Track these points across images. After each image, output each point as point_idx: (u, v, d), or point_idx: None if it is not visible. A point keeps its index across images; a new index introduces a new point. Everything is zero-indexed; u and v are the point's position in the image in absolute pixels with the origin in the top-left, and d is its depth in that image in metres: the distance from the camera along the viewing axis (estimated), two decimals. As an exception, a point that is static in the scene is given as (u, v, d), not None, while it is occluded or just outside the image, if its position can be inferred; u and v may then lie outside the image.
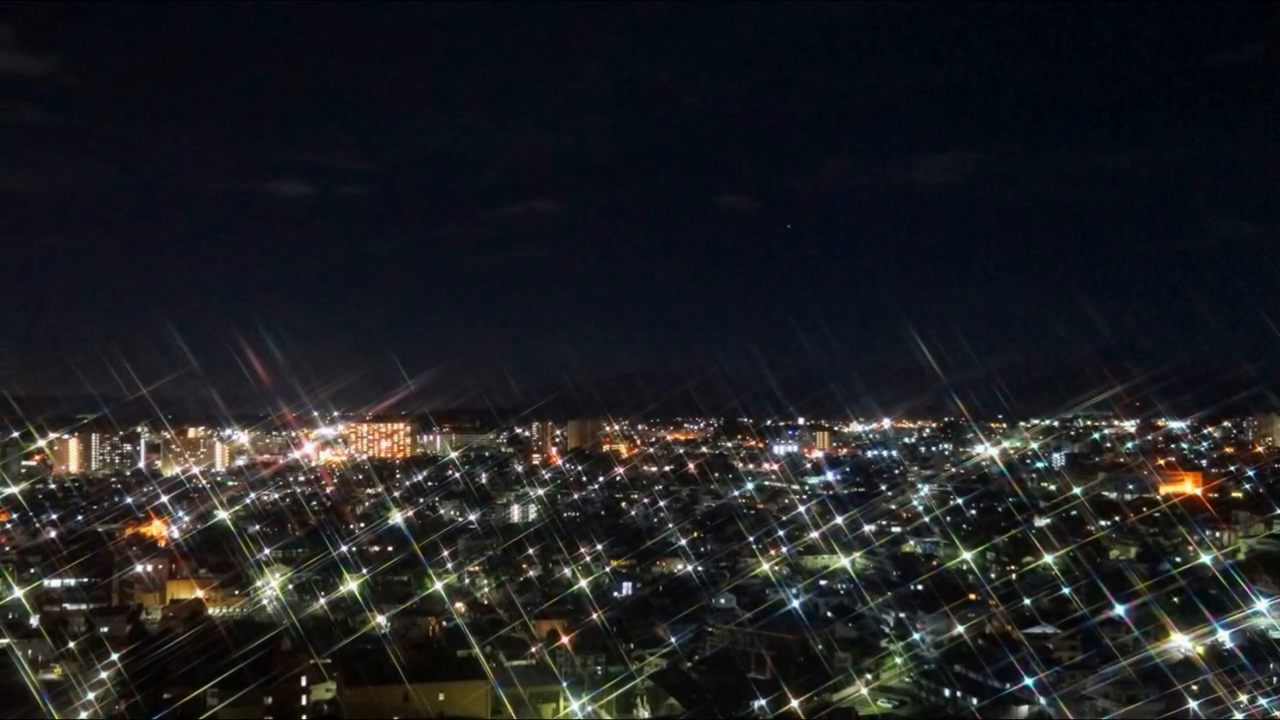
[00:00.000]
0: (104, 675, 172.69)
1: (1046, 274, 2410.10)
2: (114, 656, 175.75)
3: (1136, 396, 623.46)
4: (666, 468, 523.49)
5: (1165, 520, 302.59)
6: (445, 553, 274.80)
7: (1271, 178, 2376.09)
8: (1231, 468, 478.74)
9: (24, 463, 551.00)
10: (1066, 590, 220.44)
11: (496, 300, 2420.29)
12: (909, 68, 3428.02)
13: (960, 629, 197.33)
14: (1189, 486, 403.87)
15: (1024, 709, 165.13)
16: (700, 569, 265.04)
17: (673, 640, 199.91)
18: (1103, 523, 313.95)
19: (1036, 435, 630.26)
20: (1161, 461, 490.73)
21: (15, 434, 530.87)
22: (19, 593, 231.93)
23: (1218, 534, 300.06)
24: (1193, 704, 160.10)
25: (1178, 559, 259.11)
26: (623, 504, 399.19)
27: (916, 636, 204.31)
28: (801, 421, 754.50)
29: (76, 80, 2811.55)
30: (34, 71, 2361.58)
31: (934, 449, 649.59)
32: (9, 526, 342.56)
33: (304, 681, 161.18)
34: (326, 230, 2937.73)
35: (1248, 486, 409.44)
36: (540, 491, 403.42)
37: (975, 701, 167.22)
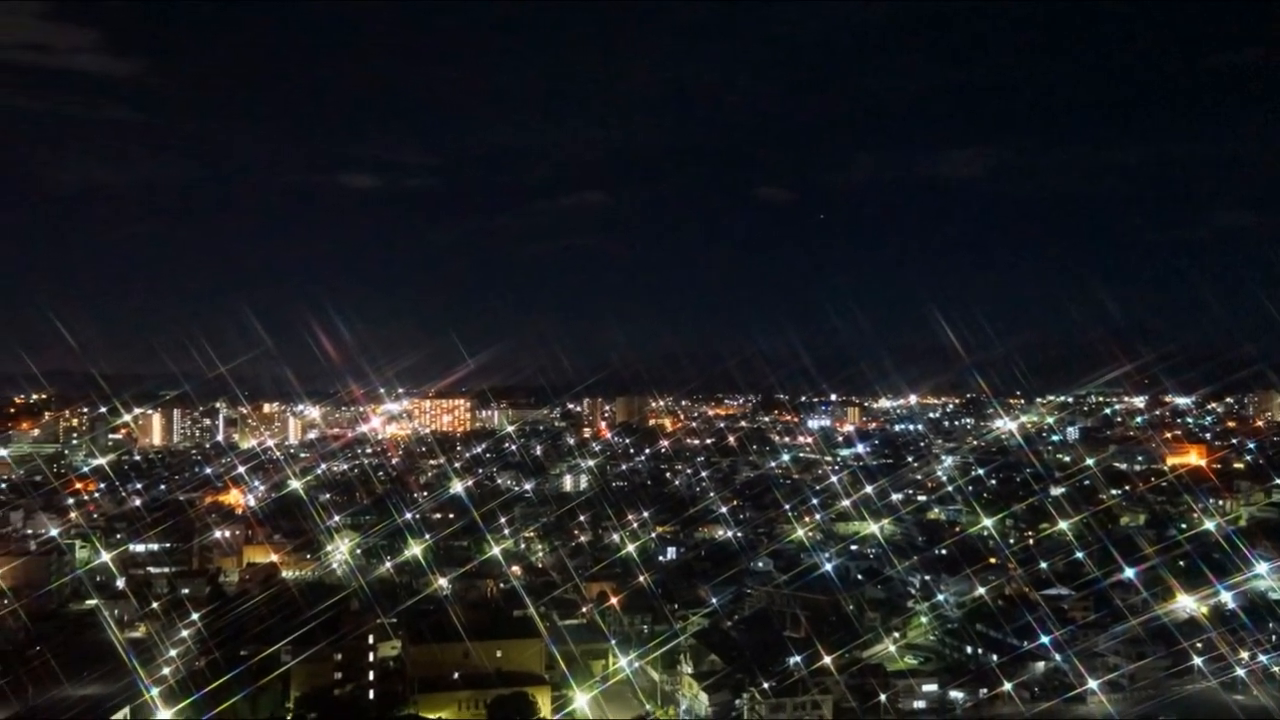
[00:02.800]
0: (185, 633, 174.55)
1: (1061, 260, 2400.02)
2: (194, 616, 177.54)
3: (1145, 375, 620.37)
4: (708, 440, 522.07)
5: (1172, 489, 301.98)
6: (502, 520, 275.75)
7: (1271, 171, 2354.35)
8: (1233, 441, 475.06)
9: (111, 436, 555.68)
10: (1080, 554, 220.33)
11: (550, 285, 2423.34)
12: (934, 69, 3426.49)
13: (981, 591, 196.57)
14: (1194, 458, 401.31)
15: (1040, 665, 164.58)
16: (739, 535, 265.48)
17: (714, 601, 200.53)
18: (1114, 492, 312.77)
19: (1052, 411, 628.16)
20: (1168, 435, 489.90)
21: (103, 409, 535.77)
22: (107, 557, 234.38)
23: (1220, 502, 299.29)
24: (1198, 660, 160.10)
25: (1183, 525, 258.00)
26: (667, 474, 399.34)
27: (940, 598, 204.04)
28: (834, 397, 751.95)
29: (160, 81, 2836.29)
30: (120, 73, 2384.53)
31: (956, 423, 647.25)
32: (98, 495, 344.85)
33: (371, 639, 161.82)
34: (392, 220, 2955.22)
35: (1248, 458, 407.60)
36: (591, 463, 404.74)
37: (995, 658, 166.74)
